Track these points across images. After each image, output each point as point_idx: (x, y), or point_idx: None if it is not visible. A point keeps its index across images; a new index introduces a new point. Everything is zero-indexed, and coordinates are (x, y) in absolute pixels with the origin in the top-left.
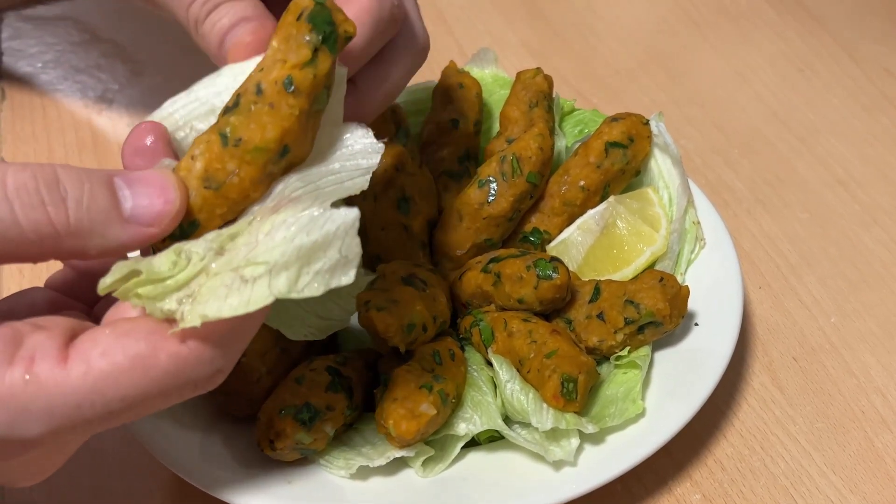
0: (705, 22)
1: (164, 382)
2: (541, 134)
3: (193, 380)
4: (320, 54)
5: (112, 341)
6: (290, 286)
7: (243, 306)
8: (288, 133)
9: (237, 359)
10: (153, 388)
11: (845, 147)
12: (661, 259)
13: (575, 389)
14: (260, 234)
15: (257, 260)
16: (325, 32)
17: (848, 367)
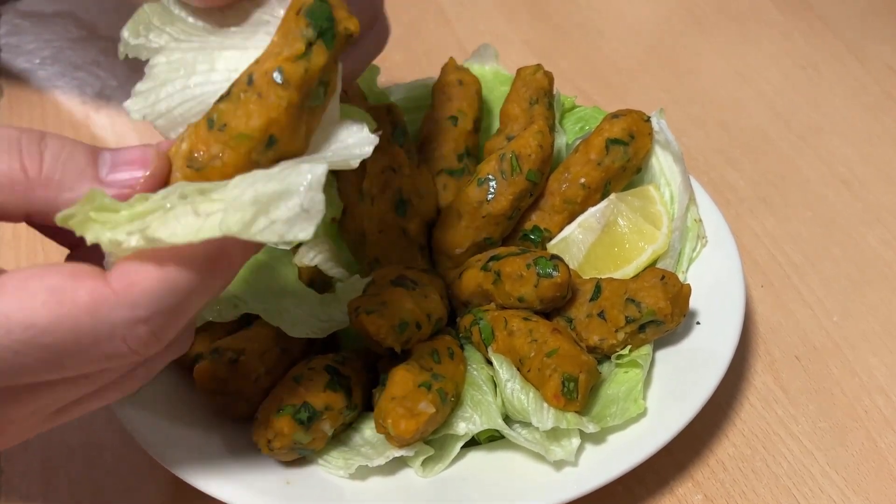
0: (708, 20)
1: (79, 319)
2: (540, 131)
3: (112, 323)
4: (315, 48)
5: (33, 272)
6: (242, 227)
7: (192, 234)
8: (274, 123)
9: (169, 326)
10: (65, 323)
11: (848, 146)
12: (663, 257)
13: (576, 389)
14: (227, 186)
15: (213, 198)
16: (322, 28)
17: (851, 367)
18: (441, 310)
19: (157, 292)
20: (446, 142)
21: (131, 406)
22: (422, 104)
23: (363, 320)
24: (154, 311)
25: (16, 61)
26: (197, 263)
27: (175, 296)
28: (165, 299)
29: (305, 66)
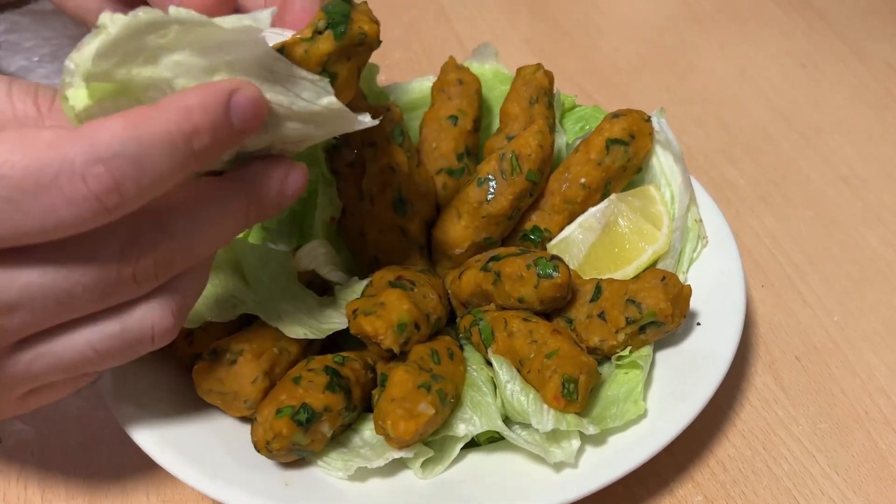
0: (709, 19)
1: (40, 153)
2: (540, 131)
3: (71, 158)
4: (322, 37)
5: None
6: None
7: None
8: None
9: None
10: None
11: (849, 145)
12: (663, 258)
13: (576, 390)
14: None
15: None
16: (335, 20)
17: (851, 367)
18: (440, 310)
19: (118, 135)
20: (446, 141)
21: (129, 405)
22: (421, 103)
23: (362, 322)
24: (114, 152)
25: (14, 59)
26: (164, 123)
27: (137, 145)
28: (127, 144)
29: (305, 47)
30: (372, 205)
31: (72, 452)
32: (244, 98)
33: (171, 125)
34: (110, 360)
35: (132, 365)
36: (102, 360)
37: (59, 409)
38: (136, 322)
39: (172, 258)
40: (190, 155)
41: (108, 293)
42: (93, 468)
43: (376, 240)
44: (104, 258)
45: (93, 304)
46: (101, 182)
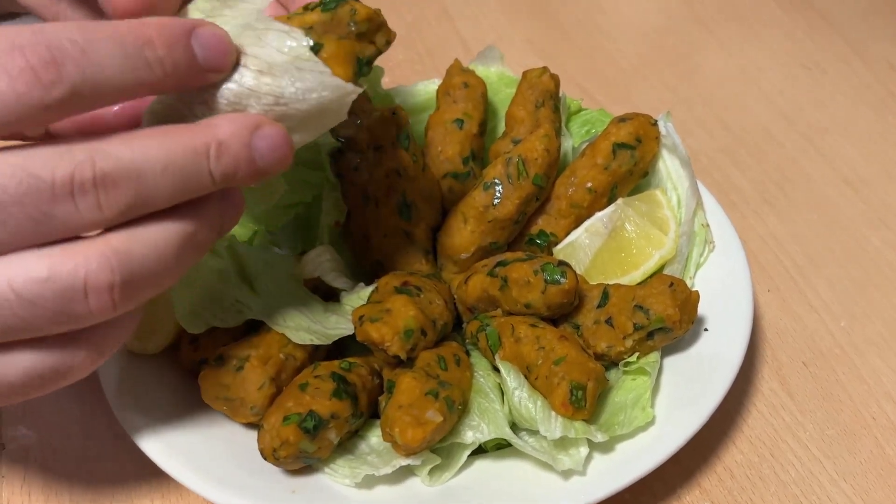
0: (712, 20)
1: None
2: (547, 135)
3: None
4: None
5: None
6: None
7: None
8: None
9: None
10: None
11: (852, 146)
12: (670, 262)
13: (584, 397)
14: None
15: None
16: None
17: (858, 372)
18: (446, 315)
19: (68, 28)
20: (452, 145)
21: (133, 411)
22: (427, 106)
23: (368, 329)
24: (59, 39)
25: None
26: (115, 28)
27: (83, 37)
28: (74, 34)
29: (290, 17)
30: (377, 209)
31: (76, 458)
32: (208, 32)
33: (121, 27)
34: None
35: (137, 371)
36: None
37: (63, 413)
38: (67, 266)
39: (116, 178)
40: (142, 61)
41: (44, 211)
42: (97, 475)
43: (381, 244)
44: (38, 164)
45: (28, 224)
46: (38, 54)
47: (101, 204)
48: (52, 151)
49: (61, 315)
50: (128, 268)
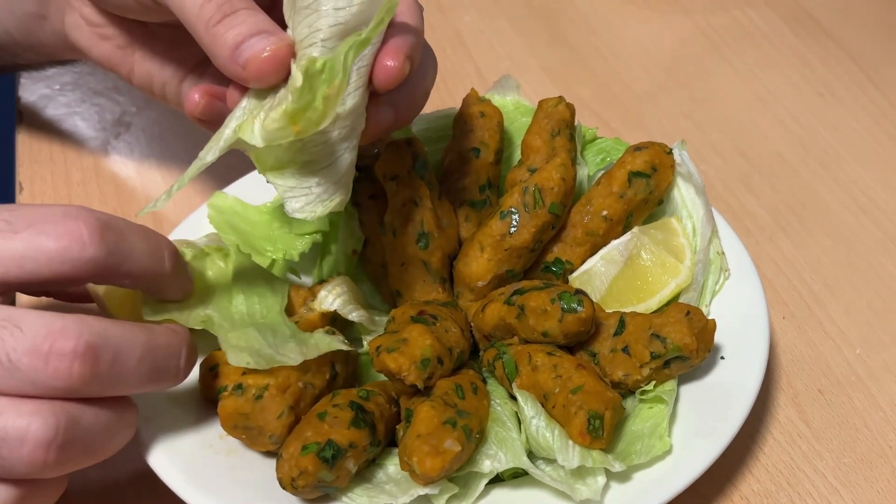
0: (725, 45)
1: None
2: (563, 164)
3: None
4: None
5: None
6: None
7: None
8: None
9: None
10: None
11: (867, 172)
12: (686, 290)
13: (601, 426)
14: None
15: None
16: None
17: (874, 400)
18: (463, 343)
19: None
20: (468, 174)
21: (154, 441)
22: (443, 135)
23: (385, 359)
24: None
25: (36, 87)
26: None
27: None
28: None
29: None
30: (394, 238)
31: (96, 490)
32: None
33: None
34: None
35: (156, 399)
36: None
37: None
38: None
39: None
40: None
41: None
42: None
43: (398, 273)
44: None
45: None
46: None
47: (72, 373)
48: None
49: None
50: (70, 435)
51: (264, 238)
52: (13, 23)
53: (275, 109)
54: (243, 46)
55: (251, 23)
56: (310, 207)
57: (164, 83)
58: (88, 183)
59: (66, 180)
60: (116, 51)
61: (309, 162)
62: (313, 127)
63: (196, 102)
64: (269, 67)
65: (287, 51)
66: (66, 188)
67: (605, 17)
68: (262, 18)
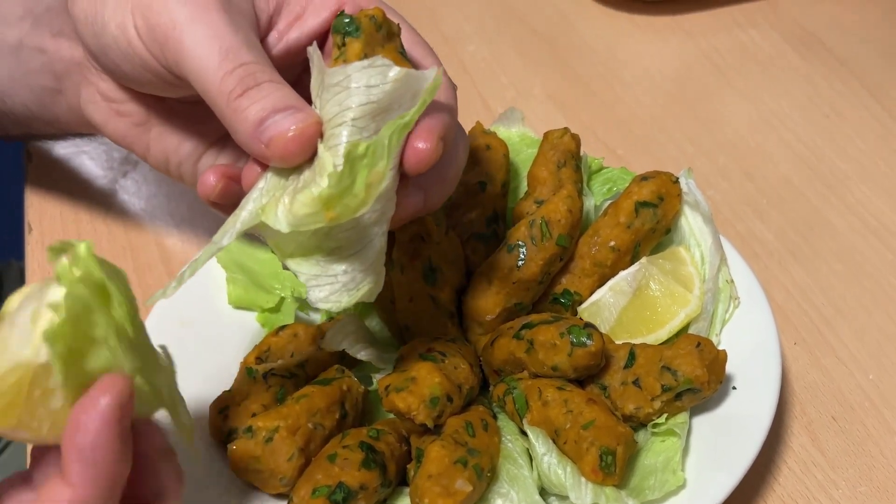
0: (729, 68)
1: None
2: (570, 196)
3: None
4: (346, 46)
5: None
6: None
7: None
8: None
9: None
10: None
11: (875, 193)
12: (696, 320)
13: (614, 462)
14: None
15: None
16: (344, 30)
17: (889, 427)
18: (472, 379)
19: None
20: (475, 207)
21: None
22: None
23: (394, 399)
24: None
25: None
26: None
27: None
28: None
29: (343, 59)
30: (402, 274)
31: None
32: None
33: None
34: None
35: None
36: None
37: None
38: None
39: None
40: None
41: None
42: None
43: (407, 308)
44: None
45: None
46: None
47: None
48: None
49: None
50: None
51: (272, 276)
52: (30, 96)
53: (302, 193)
54: (267, 123)
55: (276, 97)
56: (335, 297)
57: (179, 162)
58: (97, 222)
59: (74, 219)
60: (133, 128)
61: (336, 248)
62: (350, 214)
63: (212, 185)
64: (295, 147)
65: (314, 129)
66: (75, 227)
67: (609, 43)
68: (287, 93)
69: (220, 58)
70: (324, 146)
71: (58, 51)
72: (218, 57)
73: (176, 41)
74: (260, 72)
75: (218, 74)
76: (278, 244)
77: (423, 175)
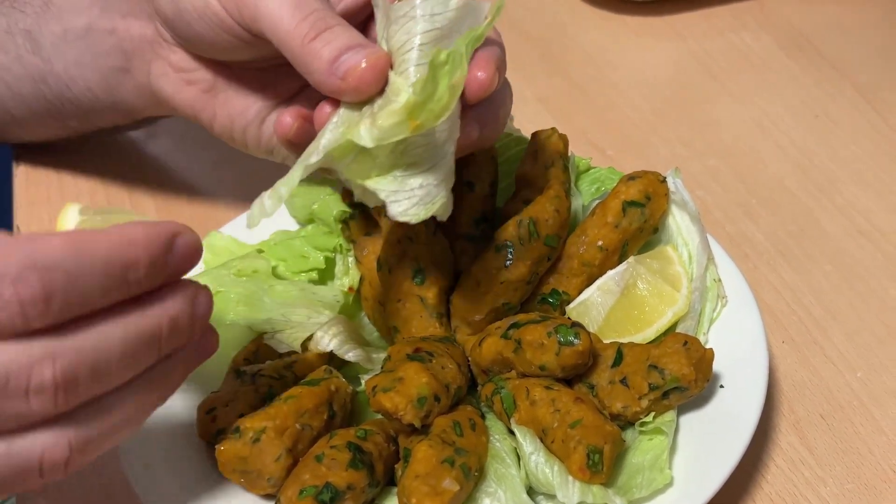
0: (721, 70)
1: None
2: (557, 196)
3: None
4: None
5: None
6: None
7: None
8: None
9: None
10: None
11: (867, 196)
12: (683, 319)
13: (601, 461)
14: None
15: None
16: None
17: (877, 425)
18: (460, 379)
19: (59, 249)
20: (463, 208)
21: (151, 484)
22: None
23: (381, 399)
24: (51, 264)
25: None
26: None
27: (75, 262)
28: (66, 259)
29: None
30: (390, 275)
31: None
32: (184, 242)
33: (113, 251)
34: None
35: (156, 444)
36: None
37: (83, 485)
38: (24, 447)
39: (76, 375)
40: (123, 283)
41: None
42: None
43: (395, 309)
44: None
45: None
46: (30, 288)
47: (57, 402)
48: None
49: (13, 484)
50: (84, 436)
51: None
52: (96, 79)
53: (384, 110)
54: (341, 60)
55: (346, 37)
56: (414, 210)
57: (245, 126)
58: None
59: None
60: (201, 95)
61: (412, 164)
62: (433, 120)
63: (290, 125)
64: (370, 77)
65: (385, 60)
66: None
67: (601, 46)
68: (355, 34)
69: (293, 7)
70: (395, 73)
71: (127, 30)
72: (290, 7)
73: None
74: (330, 16)
75: (292, 22)
76: (355, 168)
77: (480, 108)
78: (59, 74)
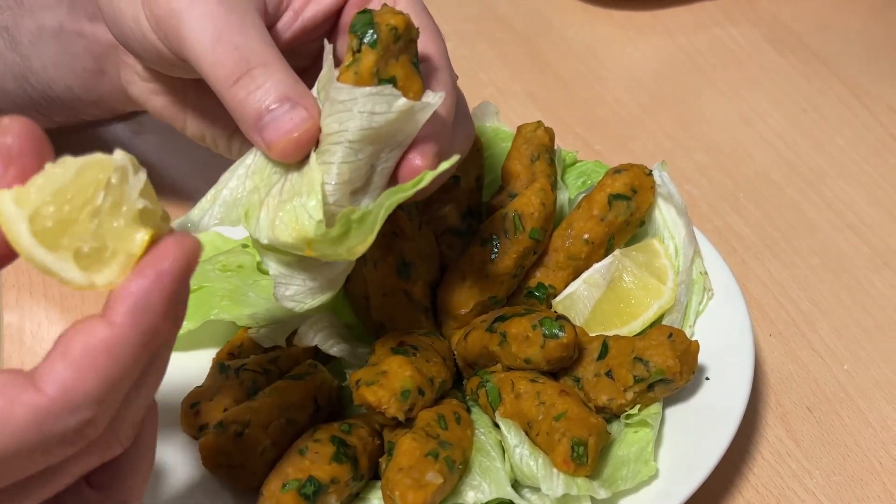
0: (708, 65)
1: (24, 438)
2: (542, 189)
3: (59, 434)
4: (361, 54)
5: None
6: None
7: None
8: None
9: (112, 409)
10: (11, 446)
11: (854, 189)
12: (669, 312)
13: (585, 453)
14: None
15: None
16: (363, 33)
17: (864, 417)
18: (444, 373)
19: (95, 392)
20: (449, 202)
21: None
22: None
23: (364, 392)
24: (98, 409)
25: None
26: (128, 348)
27: (114, 388)
28: (107, 395)
29: (355, 69)
30: (375, 269)
31: None
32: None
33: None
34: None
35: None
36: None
37: None
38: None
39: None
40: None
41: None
42: None
43: (380, 304)
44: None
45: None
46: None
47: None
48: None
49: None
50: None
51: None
52: (74, 79)
53: (287, 212)
54: (266, 119)
55: (271, 85)
56: (300, 298)
57: (214, 138)
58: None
59: None
60: (170, 106)
61: (306, 263)
62: (331, 258)
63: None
64: (293, 151)
65: (313, 133)
66: None
67: (588, 40)
68: (280, 78)
69: (214, 41)
70: (317, 155)
71: (95, 34)
72: (211, 40)
73: (175, 28)
74: (255, 53)
75: (213, 58)
76: (257, 241)
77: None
78: (39, 73)
